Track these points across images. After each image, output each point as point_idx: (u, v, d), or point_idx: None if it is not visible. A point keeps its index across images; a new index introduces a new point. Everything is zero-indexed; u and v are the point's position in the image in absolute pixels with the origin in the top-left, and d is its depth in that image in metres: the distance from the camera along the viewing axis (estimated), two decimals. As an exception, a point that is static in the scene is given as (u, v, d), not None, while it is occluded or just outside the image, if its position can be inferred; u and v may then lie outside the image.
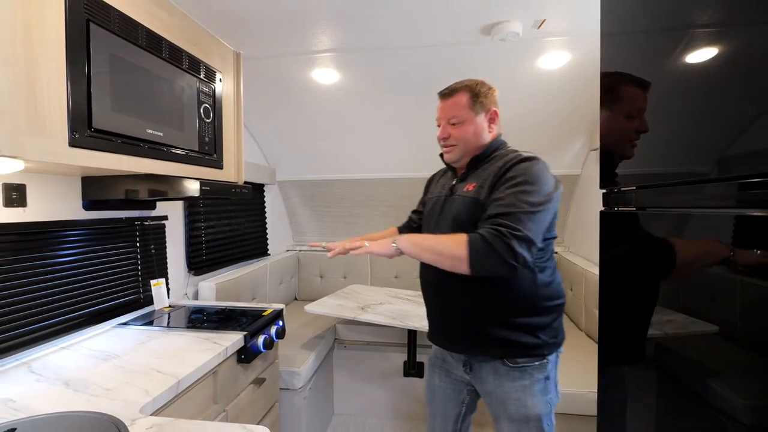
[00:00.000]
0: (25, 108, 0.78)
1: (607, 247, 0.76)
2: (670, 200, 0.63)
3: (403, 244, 0.96)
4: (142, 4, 1.09)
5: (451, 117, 1.07)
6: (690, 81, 0.56)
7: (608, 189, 0.76)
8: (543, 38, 1.58)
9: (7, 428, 0.75)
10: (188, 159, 1.27)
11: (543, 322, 1.02)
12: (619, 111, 0.66)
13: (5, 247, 1.07)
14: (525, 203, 0.90)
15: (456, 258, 0.90)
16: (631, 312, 0.73)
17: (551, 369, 1.05)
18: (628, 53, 0.74)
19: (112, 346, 1.21)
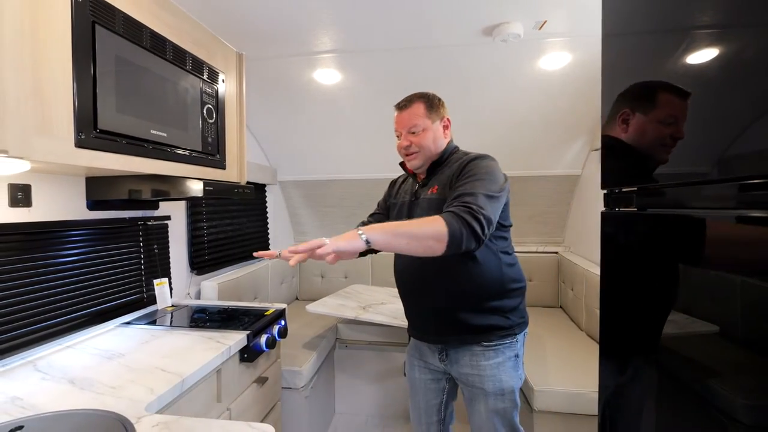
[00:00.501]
0: (33, 109, 0.79)
1: (608, 248, 0.76)
2: (670, 201, 0.64)
3: (372, 234, 0.87)
4: (147, 5, 1.09)
5: (411, 126, 1.15)
6: (691, 82, 0.57)
7: (609, 189, 0.76)
8: (544, 39, 1.58)
9: (15, 425, 0.76)
10: (191, 159, 1.28)
11: (512, 305, 1.15)
12: (654, 117, 0.68)
13: (11, 247, 1.08)
14: (484, 188, 0.99)
15: (435, 237, 0.88)
16: (632, 312, 0.73)
17: (519, 348, 1.18)
18: (629, 54, 0.75)
19: (116, 345, 1.22)
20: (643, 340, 0.70)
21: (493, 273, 1.11)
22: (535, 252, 2.73)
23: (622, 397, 0.79)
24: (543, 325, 2.24)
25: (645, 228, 0.69)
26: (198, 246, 1.92)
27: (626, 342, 0.76)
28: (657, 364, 0.67)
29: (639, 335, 0.72)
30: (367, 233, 0.87)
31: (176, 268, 1.75)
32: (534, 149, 2.43)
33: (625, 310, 0.75)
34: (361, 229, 0.88)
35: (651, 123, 0.69)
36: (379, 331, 2.20)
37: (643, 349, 0.71)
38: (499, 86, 1.98)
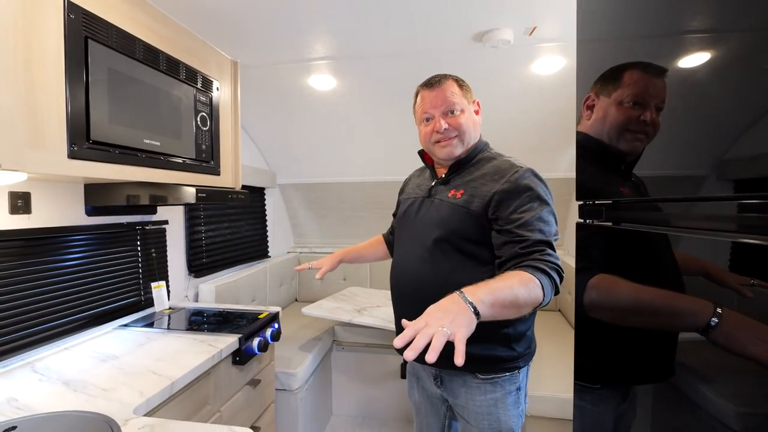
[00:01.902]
0: (25, 123, 0.82)
1: (581, 258, 0.77)
2: (643, 217, 0.64)
3: (484, 308, 0.72)
4: (140, 18, 1.13)
5: (448, 105, 0.98)
6: (670, 87, 0.54)
7: (584, 201, 0.77)
8: (536, 44, 1.59)
9: (8, 426, 0.80)
10: (185, 167, 1.31)
11: (517, 333, 0.99)
12: (617, 97, 0.59)
13: (11, 253, 1.12)
14: (552, 230, 0.92)
15: (533, 304, 0.81)
16: (607, 329, 0.73)
17: (522, 379, 1.03)
18: (603, 60, 0.75)
19: (112, 347, 1.26)
20: (619, 351, 0.70)
21: None
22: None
23: (599, 416, 0.79)
24: (539, 329, 2.22)
25: (618, 242, 0.69)
26: (196, 249, 1.96)
27: (601, 355, 0.76)
28: (641, 374, 0.67)
29: (616, 347, 0.71)
30: (480, 307, 0.71)
31: (174, 270, 1.79)
32: (531, 153, 2.42)
33: (599, 326, 0.75)
34: (475, 303, 0.71)
35: (613, 105, 0.61)
36: (376, 333, 2.21)
37: (621, 359, 0.70)
38: (493, 91, 1.99)
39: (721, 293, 0.46)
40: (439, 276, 0.97)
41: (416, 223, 1.06)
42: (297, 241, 3.14)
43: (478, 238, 0.96)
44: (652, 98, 0.54)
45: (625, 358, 0.71)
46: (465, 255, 0.97)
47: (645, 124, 0.55)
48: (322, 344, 2.14)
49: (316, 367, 2.05)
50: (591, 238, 0.76)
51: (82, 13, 0.94)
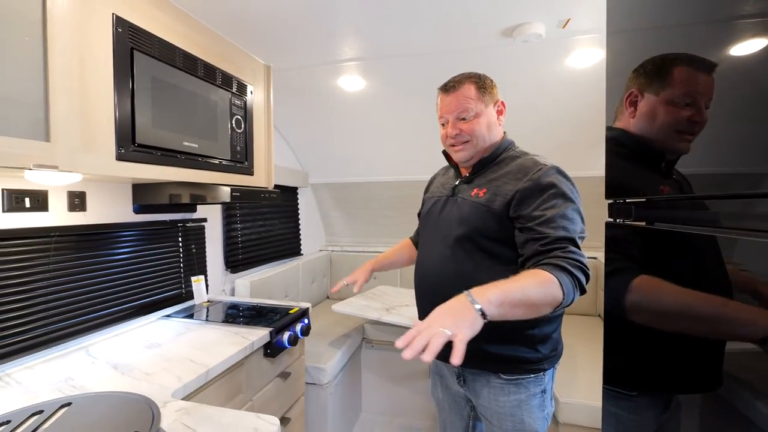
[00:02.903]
0: (79, 129, 0.91)
1: (610, 259, 0.73)
2: (685, 216, 0.60)
3: (491, 308, 0.71)
4: (179, 28, 1.21)
5: (461, 111, 0.99)
6: (722, 77, 0.50)
7: (613, 200, 0.73)
8: (570, 37, 1.53)
9: (65, 402, 0.88)
10: (221, 167, 1.39)
11: (543, 334, 0.97)
12: (667, 97, 0.56)
13: (69, 247, 1.24)
14: (577, 227, 0.88)
15: (551, 304, 0.78)
16: (641, 338, 0.69)
17: (548, 381, 1.00)
18: (635, 52, 0.71)
19: (155, 335, 1.35)
20: (653, 372, 0.66)
21: None
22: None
23: (637, 426, 0.75)
24: (577, 335, 2.15)
25: (653, 245, 0.64)
26: (232, 246, 2.06)
27: (637, 366, 0.72)
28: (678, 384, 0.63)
29: (655, 360, 0.67)
30: (486, 307, 0.70)
31: (212, 266, 1.90)
32: (566, 150, 2.33)
33: (632, 335, 0.71)
34: (480, 302, 0.70)
35: (662, 104, 0.59)
36: (405, 332, 2.22)
37: (655, 370, 0.66)
38: (526, 86, 1.93)
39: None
40: (460, 274, 0.96)
41: (439, 222, 1.07)
42: (329, 239, 3.21)
43: (500, 237, 0.95)
44: (702, 96, 0.51)
45: (665, 365, 0.67)
46: (487, 254, 0.96)
47: (696, 124, 0.52)
48: (352, 341, 2.18)
49: (345, 363, 2.08)
50: (622, 238, 0.73)
51: (129, 27, 1.02)
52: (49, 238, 1.18)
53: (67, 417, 0.81)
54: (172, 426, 0.80)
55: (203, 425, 0.80)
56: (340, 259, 3.04)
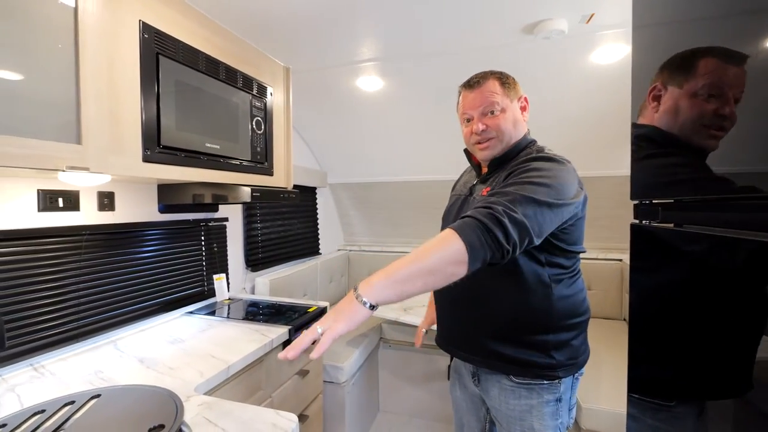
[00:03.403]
0: (108, 132, 0.94)
1: (638, 266, 0.71)
2: (713, 218, 0.57)
3: (376, 292, 0.68)
4: (202, 33, 1.24)
5: (486, 105, 0.95)
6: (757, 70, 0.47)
7: (639, 201, 0.71)
8: (594, 33, 1.48)
9: (95, 393, 0.92)
10: (242, 168, 1.42)
11: (559, 340, 0.93)
12: (690, 89, 0.53)
13: (98, 245, 1.29)
14: (529, 191, 0.79)
15: (453, 260, 0.70)
16: (672, 343, 0.66)
17: (564, 391, 0.95)
18: (666, 46, 0.69)
19: (179, 331, 1.39)
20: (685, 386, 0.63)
21: (536, 303, 0.91)
22: (595, 259, 2.55)
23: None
24: (601, 339, 2.09)
25: (682, 248, 0.62)
26: (252, 245, 2.10)
27: (668, 381, 0.69)
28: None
29: (684, 366, 0.64)
30: (368, 294, 0.67)
31: (233, 264, 1.94)
32: (592, 148, 2.27)
33: (659, 341, 0.68)
34: (360, 289, 0.68)
35: (685, 97, 0.55)
36: (423, 333, 2.21)
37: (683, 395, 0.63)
38: (548, 84, 1.89)
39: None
40: (472, 280, 0.94)
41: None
42: (347, 239, 3.23)
43: None
44: (730, 89, 0.48)
45: (700, 370, 0.64)
46: None
47: (722, 118, 0.49)
48: (369, 341, 2.19)
49: (362, 362, 2.09)
50: (648, 241, 0.70)
51: (154, 32, 1.05)
52: (81, 236, 1.23)
53: (97, 408, 0.85)
54: (194, 420, 0.82)
55: (224, 420, 0.82)
56: (358, 259, 3.06)
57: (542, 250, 0.91)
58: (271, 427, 0.80)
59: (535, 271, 0.91)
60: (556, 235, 0.89)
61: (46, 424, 0.78)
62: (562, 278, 0.94)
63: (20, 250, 1.08)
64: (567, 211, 0.84)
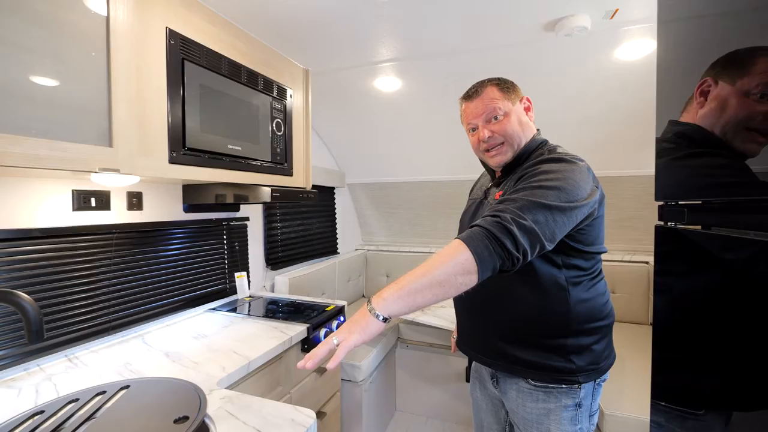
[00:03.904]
0: (137, 135, 0.99)
1: (665, 269, 0.68)
2: (746, 221, 0.54)
3: (388, 306, 0.69)
4: (225, 38, 1.27)
5: (489, 112, 0.96)
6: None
7: (664, 202, 0.68)
8: (619, 28, 1.44)
9: (124, 384, 0.97)
10: (262, 169, 1.45)
11: (579, 345, 0.91)
12: (742, 87, 0.50)
13: (128, 243, 1.35)
14: (537, 196, 0.78)
15: (462, 271, 0.70)
16: (699, 348, 0.64)
17: (585, 396, 0.93)
18: (690, 42, 0.66)
19: (202, 327, 1.44)
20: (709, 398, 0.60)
21: (552, 307, 0.90)
22: (621, 261, 2.47)
23: None
24: (626, 344, 2.03)
25: (712, 252, 0.59)
26: (272, 244, 2.14)
27: (697, 389, 0.66)
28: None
29: (714, 372, 0.61)
30: (381, 307, 0.69)
31: (254, 263, 1.98)
32: (618, 146, 2.21)
33: (685, 348, 0.66)
34: (372, 303, 0.71)
35: (735, 95, 0.52)
36: (441, 334, 2.20)
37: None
38: (571, 81, 1.84)
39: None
40: (488, 283, 0.94)
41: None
42: (365, 239, 3.25)
43: None
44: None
45: (730, 377, 0.61)
46: None
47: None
48: (387, 340, 2.20)
49: (380, 362, 2.10)
50: (676, 244, 0.68)
51: (180, 39, 1.09)
52: (111, 234, 1.29)
53: (126, 398, 0.89)
54: (216, 413, 0.85)
55: (245, 413, 0.85)
56: (375, 259, 3.07)
57: (558, 252, 0.89)
58: (289, 422, 0.82)
59: (551, 273, 0.90)
60: (572, 236, 0.87)
61: (80, 412, 0.82)
62: (581, 281, 0.92)
63: (57, 247, 1.14)
64: (581, 213, 0.82)
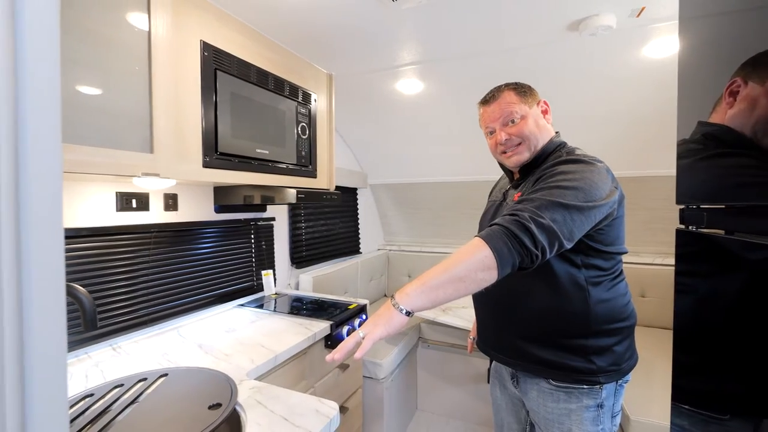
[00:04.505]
0: (175, 141, 1.06)
1: (688, 271, 0.68)
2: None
3: (411, 300, 0.73)
4: (254, 47, 1.34)
5: (506, 116, 0.98)
6: None
7: (686, 205, 0.68)
8: (646, 26, 1.41)
9: (163, 372, 1.04)
10: (288, 171, 1.51)
11: (599, 345, 0.91)
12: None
13: (164, 242, 1.44)
14: (555, 196, 0.80)
15: (481, 267, 0.73)
16: (714, 360, 0.63)
17: (607, 397, 0.93)
18: (715, 37, 0.65)
19: (232, 322, 1.52)
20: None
21: (571, 306, 0.91)
22: (650, 264, 2.40)
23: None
24: (655, 349, 1.97)
25: (736, 256, 0.58)
26: (297, 243, 2.21)
27: (721, 392, 0.66)
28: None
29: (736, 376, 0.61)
30: (404, 302, 0.73)
31: (279, 261, 2.06)
32: (647, 146, 2.14)
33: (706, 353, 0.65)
34: (396, 297, 0.74)
35: (766, 95, 0.51)
36: (462, 334, 2.21)
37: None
38: (596, 81, 1.81)
39: None
40: (506, 283, 0.94)
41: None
42: (386, 239, 3.29)
43: None
44: None
45: (755, 383, 0.60)
46: None
47: None
48: (408, 339, 2.22)
49: (401, 360, 2.13)
50: (700, 247, 0.67)
51: (213, 50, 1.16)
52: (150, 233, 1.38)
53: (165, 385, 0.96)
54: (246, 401, 0.91)
55: (272, 403, 0.90)
56: (397, 258, 3.11)
57: (577, 252, 0.90)
58: (314, 413, 0.86)
59: (570, 273, 0.91)
60: (591, 236, 0.88)
61: (124, 396, 0.90)
62: (601, 281, 0.92)
63: (102, 244, 1.24)
64: (599, 213, 0.83)
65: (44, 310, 0.28)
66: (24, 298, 0.27)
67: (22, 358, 0.27)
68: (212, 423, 0.79)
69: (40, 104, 0.27)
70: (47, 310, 0.28)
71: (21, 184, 0.26)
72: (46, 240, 0.28)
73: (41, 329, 0.28)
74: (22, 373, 0.27)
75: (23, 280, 0.27)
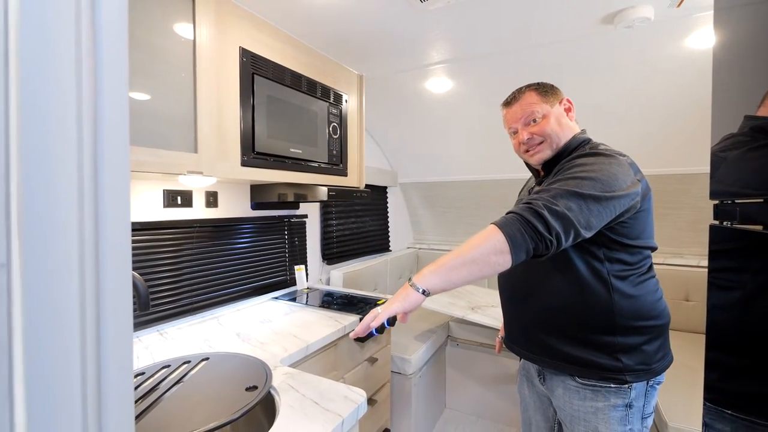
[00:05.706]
0: (216, 142, 1.14)
1: (716, 269, 0.66)
2: None
3: (427, 280, 0.78)
4: (288, 51, 1.41)
5: (527, 116, 0.99)
6: None
7: (720, 200, 0.66)
8: (689, 16, 1.34)
9: (205, 356, 1.13)
10: (320, 170, 1.57)
11: (626, 344, 0.89)
12: None
13: (206, 236, 1.54)
14: (571, 186, 0.80)
15: (494, 250, 0.76)
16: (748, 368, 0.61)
17: (636, 398, 0.91)
18: (758, 31, 0.63)
19: (267, 313, 1.60)
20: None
21: (594, 301, 0.90)
22: (696, 266, 2.26)
23: None
24: (698, 356, 1.86)
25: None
26: (328, 240, 2.28)
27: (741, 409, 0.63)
28: None
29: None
30: (419, 281, 0.79)
31: (311, 257, 2.14)
32: (692, 141, 2.03)
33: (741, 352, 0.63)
34: (414, 278, 0.80)
35: None
36: (491, 334, 2.19)
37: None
38: (633, 74, 1.74)
39: None
40: (537, 272, 0.97)
41: None
42: (416, 237, 3.31)
43: None
44: None
45: None
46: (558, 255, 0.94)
47: None
48: (437, 337, 2.23)
49: (429, 357, 2.15)
50: (730, 243, 0.65)
51: (251, 56, 1.24)
52: (193, 228, 1.49)
53: (207, 367, 1.04)
54: (280, 385, 0.96)
55: (304, 388, 0.95)
56: (426, 257, 3.11)
57: (599, 245, 0.89)
58: (342, 398, 0.91)
59: (592, 266, 0.90)
60: (614, 229, 0.87)
61: (171, 376, 0.98)
62: (627, 275, 0.90)
63: (151, 238, 1.35)
64: (619, 204, 0.82)
65: (116, 294, 0.33)
66: (101, 284, 0.32)
67: (98, 334, 0.32)
68: (249, 403, 0.86)
69: (114, 115, 0.32)
70: (118, 294, 0.33)
71: (99, 184, 0.31)
72: (118, 233, 0.32)
73: (114, 309, 0.33)
74: (98, 345, 0.32)
75: (101, 268, 0.32)
